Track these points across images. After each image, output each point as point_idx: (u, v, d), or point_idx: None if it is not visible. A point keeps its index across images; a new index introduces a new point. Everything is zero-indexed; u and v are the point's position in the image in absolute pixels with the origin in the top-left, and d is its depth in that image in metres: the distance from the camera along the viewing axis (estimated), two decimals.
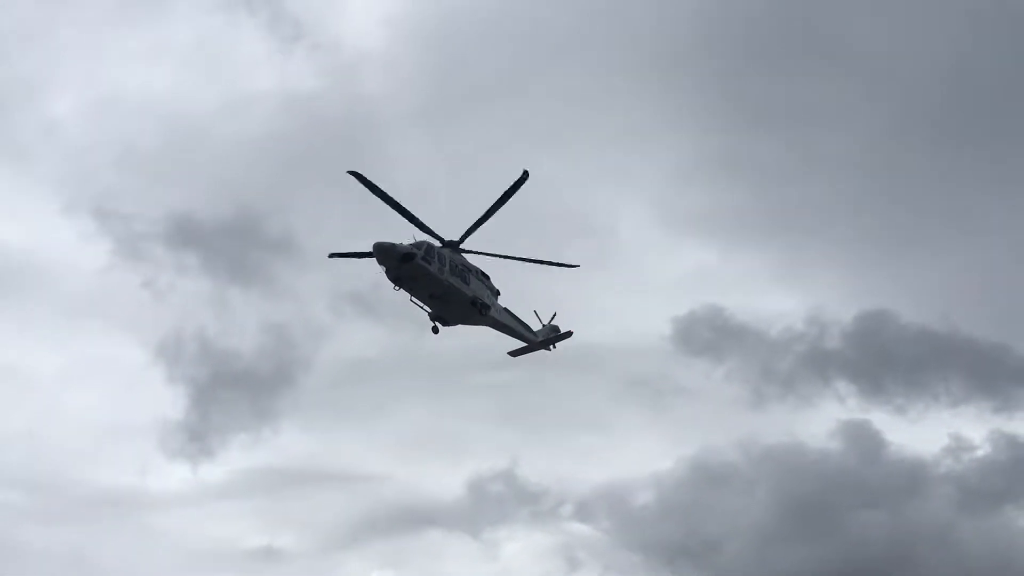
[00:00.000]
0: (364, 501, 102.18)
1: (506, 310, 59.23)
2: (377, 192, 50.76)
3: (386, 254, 51.15)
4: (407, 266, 51.37)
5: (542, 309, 63.07)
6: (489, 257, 55.48)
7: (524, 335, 61.23)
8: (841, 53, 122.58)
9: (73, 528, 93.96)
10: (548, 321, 62.79)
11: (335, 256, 56.46)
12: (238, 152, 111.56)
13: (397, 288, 52.73)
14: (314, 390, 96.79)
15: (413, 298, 53.87)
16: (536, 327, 62.41)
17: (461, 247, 54.48)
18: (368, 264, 53.79)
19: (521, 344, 61.79)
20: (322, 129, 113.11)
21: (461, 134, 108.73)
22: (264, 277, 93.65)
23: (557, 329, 62.35)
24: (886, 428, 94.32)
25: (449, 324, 55.99)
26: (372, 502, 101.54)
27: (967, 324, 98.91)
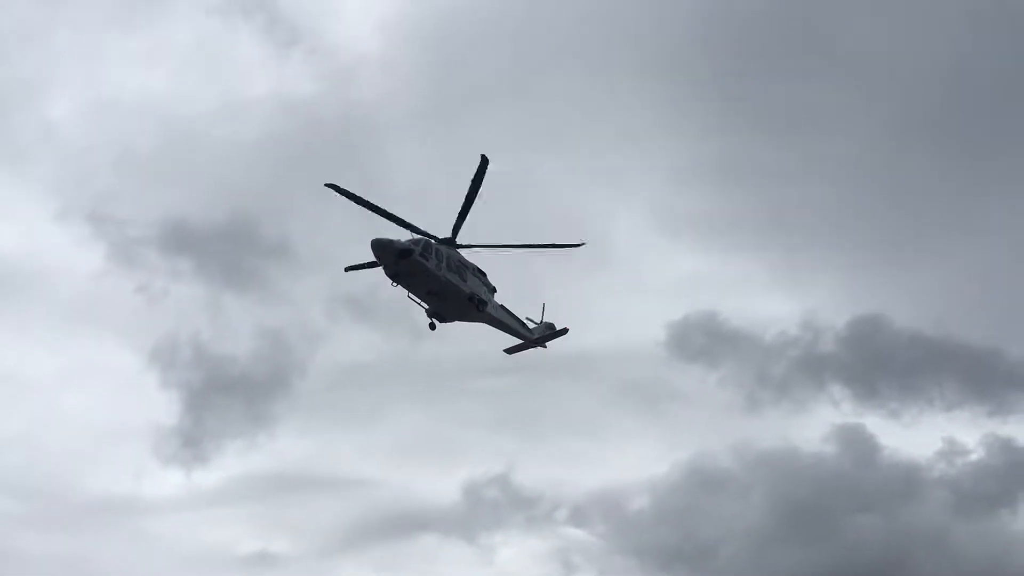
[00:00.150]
0: (359, 506, 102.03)
1: (502, 307, 59.37)
2: (358, 200, 50.98)
3: (384, 250, 51.31)
4: (405, 262, 51.53)
5: (537, 313, 63.33)
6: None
7: (520, 332, 61.39)
8: (837, 57, 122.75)
9: (67, 534, 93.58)
10: (541, 316, 62.92)
11: (351, 269, 56.61)
12: (234, 156, 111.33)
13: (395, 284, 52.95)
14: (309, 395, 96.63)
15: (411, 294, 54.04)
16: (532, 324, 62.41)
17: (457, 242, 54.58)
18: (369, 270, 54.56)
19: (517, 341, 61.97)
20: (319, 133, 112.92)
21: (458, 138, 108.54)
22: (259, 282, 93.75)
23: (553, 326, 62.57)
24: (880, 432, 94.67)
25: (446, 320, 56.16)
26: (367, 507, 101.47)
27: (961, 329, 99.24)
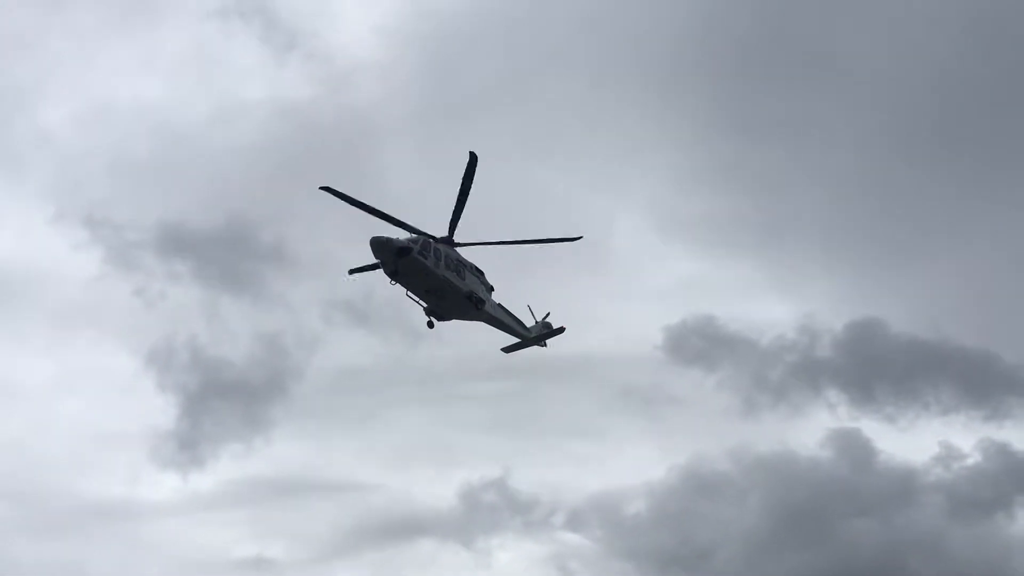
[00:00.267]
0: (356, 510, 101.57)
1: (500, 306, 59.52)
2: (353, 202, 51.08)
3: (383, 248, 51.45)
4: (403, 260, 51.68)
5: (536, 313, 63.46)
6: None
7: (518, 331, 61.50)
8: (835, 64, 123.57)
9: (63, 538, 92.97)
10: (541, 319, 63.11)
11: (356, 272, 56.65)
12: (231, 161, 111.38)
13: (393, 283, 53.10)
14: (306, 399, 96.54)
15: (409, 292, 54.19)
16: (529, 323, 62.57)
17: (454, 241, 54.73)
18: (373, 272, 54.65)
19: (515, 340, 62.09)
20: (315, 138, 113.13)
21: (455, 142, 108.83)
22: (256, 286, 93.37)
23: (550, 325, 62.74)
24: (876, 436, 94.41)
25: (444, 319, 56.36)
26: (364, 511, 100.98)
27: (957, 333, 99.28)
